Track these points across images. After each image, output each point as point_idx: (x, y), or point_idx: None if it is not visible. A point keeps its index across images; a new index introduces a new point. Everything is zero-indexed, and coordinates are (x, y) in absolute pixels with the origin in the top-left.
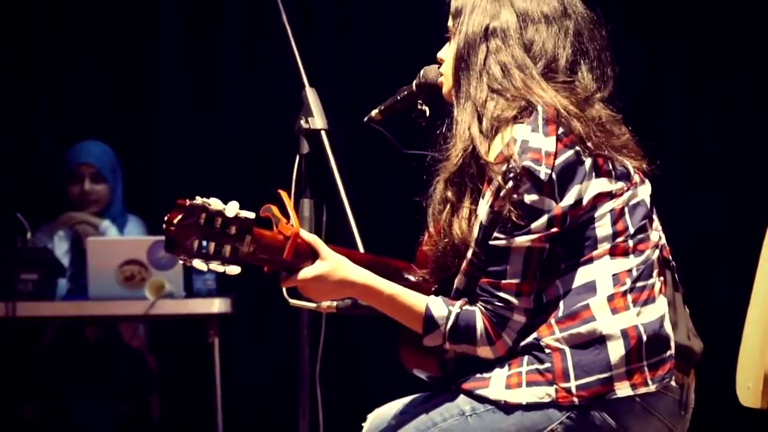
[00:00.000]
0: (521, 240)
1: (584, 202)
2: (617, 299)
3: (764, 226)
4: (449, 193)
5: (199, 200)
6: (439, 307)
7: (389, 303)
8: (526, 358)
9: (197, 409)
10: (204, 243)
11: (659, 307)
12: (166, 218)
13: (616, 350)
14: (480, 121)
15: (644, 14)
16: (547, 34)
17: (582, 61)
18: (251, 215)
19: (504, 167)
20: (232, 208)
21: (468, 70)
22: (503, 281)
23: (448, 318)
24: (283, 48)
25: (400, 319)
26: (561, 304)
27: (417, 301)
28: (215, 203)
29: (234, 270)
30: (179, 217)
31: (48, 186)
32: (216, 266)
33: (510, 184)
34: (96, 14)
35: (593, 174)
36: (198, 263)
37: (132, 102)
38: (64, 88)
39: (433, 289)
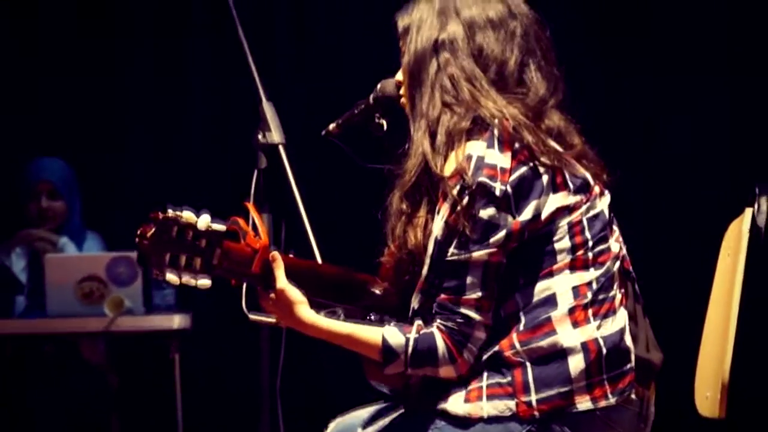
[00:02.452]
0: (479, 254)
1: (543, 216)
2: (578, 312)
3: (722, 234)
4: (404, 206)
5: (171, 213)
6: (395, 335)
7: (344, 340)
8: (486, 372)
9: (158, 424)
10: (176, 256)
11: (619, 320)
12: (138, 231)
13: (576, 364)
14: (433, 138)
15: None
16: (495, 38)
17: (530, 61)
18: (222, 228)
19: (459, 183)
20: (203, 221)
21: (420, 86)
22: (463, 296)
23: (406, 345)
24: (241, 62)
25: (360, 352)
26: (522, 317)
27: (372, 334)
28: (187, 216)
29: (205, 283)
30: (152, 230)
31: (5, 203)
32: (188, 279)
33: (465, 200)
34: (57, 23)
35: (551, 188)
36: (170, 277)
37: (91, 117)
38: (20, 103)
39: (396, 301)
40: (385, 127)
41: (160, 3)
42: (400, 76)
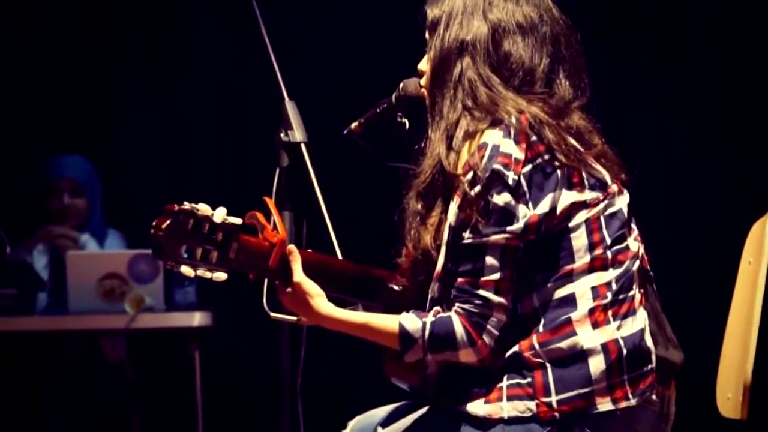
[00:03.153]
0: (496, 237)
1: (558, 211)
2: (598, 313)
3: (744, 235)
4: (419, 206)
5: (187, 205)
6: (412, 321)
7: (362, 330)
8: (506, 372)
9: (178, 422)
10: (191, 248)
11: (639, 320)
12: (154, 223)
13: (596, 365)
14: (449, 139)
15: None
16: (524, 44)
17: (560, 69)
18: (238, 221)
19: (470, 175)
20: (219, 214)
21: (443, 87)
22: (482, 279)
23: (423, 329)
24: (262, 60)
25: (379, 342)
26: (541, 318)
27: (389, 322)
28: (203, 208)
29: (221, 276)
30: (167, 222)
31: (27, 200)
32: (203, 272)
33: (478, 187)
34: (65, 17)
35: (565, 183)
36: (185, 269)
37: (113, 115)
38: (41, 102)
39: (413, 299)
40: (407, 126)
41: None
42: (423, 65)
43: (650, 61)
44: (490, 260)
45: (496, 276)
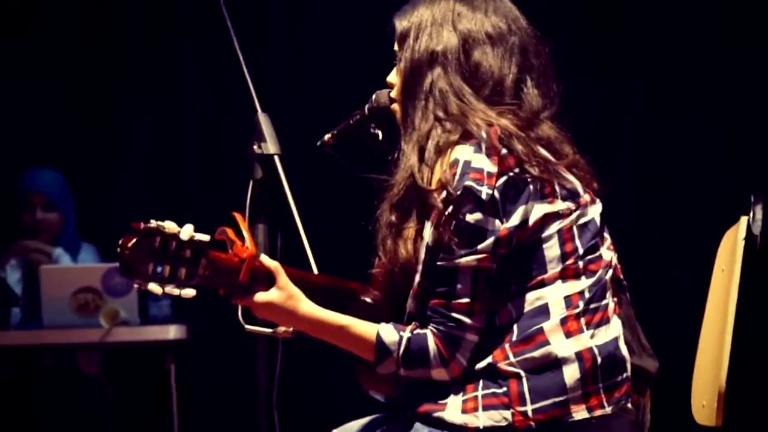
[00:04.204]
0: (467, 260)
1: (530, 222)
2: (570, 322)
3: (717, 244)
4: (393, 218)
5: (153, 223)
6: (389, 333)
7: (339, 335)
8: (481, 382)
9: None
10: (159, 266)
11: (613, 329)
12: (120, 242)
13: (571, 373)
14: (422, 152)
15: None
16: (493, 55)
17: (528, 78)
18: (206, 238)
19: (443, 193)
20: (186, 231)
21: (414, 98)
22: (453, 301)
23: (399, 343)
24: (235, 72)
25: (353, 350)
26: (515, 327)
27: (367, 330)
28: (170, 226)
29: (189, 293)
30: (134, 240)
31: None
32: (171, 289)
33: (451, 207)
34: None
35: (537, 195)
36: (153, 287)
37: (83, 128)
38: (11, 113)
39: (385, 311)
40: (380, 138)
41: (152, 15)
42: (392, 77)
43: (627, 68)
44: (461, 283)
45: (467, 299)
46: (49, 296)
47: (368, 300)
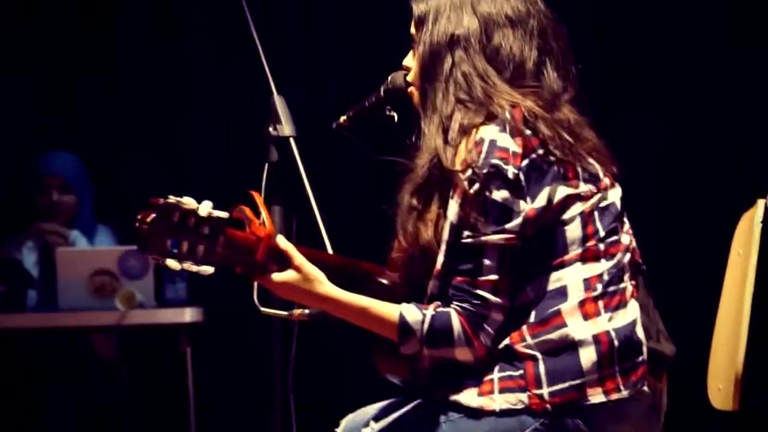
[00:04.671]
0: (494, 237)
1: (554, 203)
2: (588, 304)
3: (733, 228)
4: (415, 201)
5: (172, 199)
6: (412, 312)
7: (361, 316)
8: (498, 365)
9: (170, 418)
10: (177, 242)
11: (631, 312)
12: (138, 216)
13: (588, 356)
14: (445, 133)
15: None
16: (513, 37)
17: (548, 60)
18: (224, 215)
19: (469, 172)
20: (205, 208)
21: (434, 81)
22: (480, 278)
23: (423, 322)
24: (250, 55)
25: (375, 330)
26: (532, 310)
27: (390, 310)
28: (188, 202)
29: (207, 270)
30: (152, 215)
31: (16, 197)
32: (189, 266)
33: (478, 184)
34: (55, 17)
35: (561, 176)
36: (171, 263)
37: (100, 109)
38: (28, 97)
39: (405, 293)
40: (395, 119)
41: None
42: (408, 61)
43: (641, 56)
44: (488, 261)
45: (494, 276)
46: (65, 279)
47: (385, 282)
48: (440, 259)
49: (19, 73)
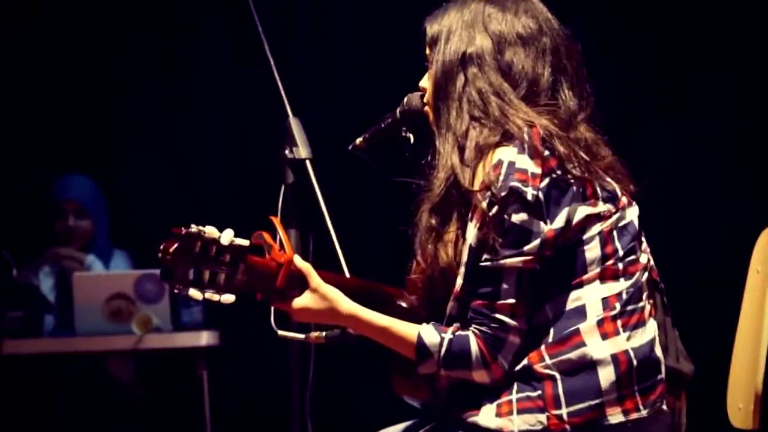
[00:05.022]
0: (513, 261)
1: (573, 223)
2: (607, 324)
3: (751, 247)
4: (433, 221)
5: (194, 228)
6: (431, 334)
7: (381, 334)
8: (516, 385)
9: None
10: (199, 271)
11: (649, 331)
12: (161, 247)
13: (606, 376)
14: (461, 151)
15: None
16: (525, 55)
17: (562, 79)
18: (245, 243)
19: (488, 193)
20: (227, 236)
21: (447, 99)
22: (498, 302)
23: (441, 345)
24: (266, 77)
25: (393, 348)
26: (551, 329)
27: (409, 330)
28: (210, 231)
29: (229, 299)
30: (175, 245)
31: (32, 222)
32: (211, 295)
33: (497, 207)
34: (66, 43)
35: (580, 196)
36: (193, 292)
37: (113, 134)
38: (43, 122)
39: (424, 315)
40: (412, 141)
41: (177, 16)
42: (424, 82)
43: (656, 68)
44: (506, 284)
45: (512, 300)
46: (82, 303)
47: (404, 304)
48: (459, 281)
49: (40, 104)
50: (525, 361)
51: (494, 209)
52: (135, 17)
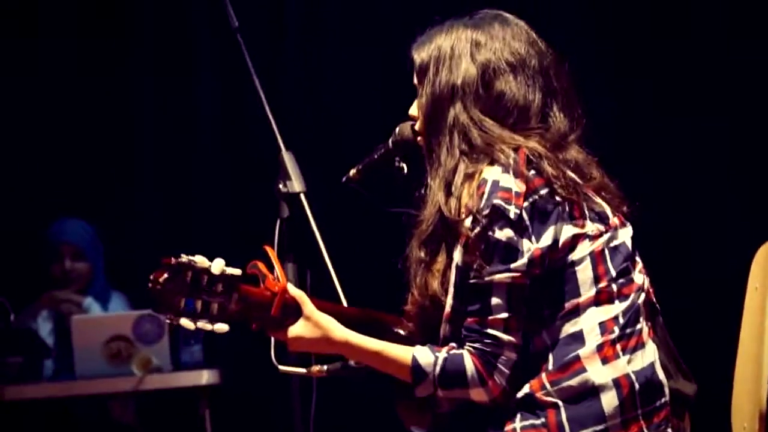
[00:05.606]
0: (501, 276)
1: (560, 243)
2: (606, 348)
3: (749, 264)
4: (422, 254)
5: (184, 258)
6: (425, 355)
7: (375, 358)
8: (519, 414)
9: None
10: (191, 301)
11: (649, 353)
12: (151, 277)
13: (609, 401)
14: (448, 187)
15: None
16: (515, 82)
17: (553, 102)
18: (237, 272)
19: (470, 219)
20: (217, 265)
21: (438, 134)
22: (489, 318)
23: (435, 364)
24: (257, 111)
25: (390, 373)
26: (550, 356)
27: (403, 353)
28: (200, 260)
29: (222, 328)
30: (165, 275)
31: (28, 266)
32: (204, 324)
33: (480, 227)
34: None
35: (567, 216)
36: (185, 322)
37: (107, 176)
38: (36, 165)
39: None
40: (405, 171)
41: (173, 49)
42: (414, 110)
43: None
44: (496, 299)
45: (504, 315)
46: (81, 346)
47: (401, 332)
48: (449, 301)
49: (34, 147)
50: (526, 389)
51: (478, 228)
52: (135, 57)
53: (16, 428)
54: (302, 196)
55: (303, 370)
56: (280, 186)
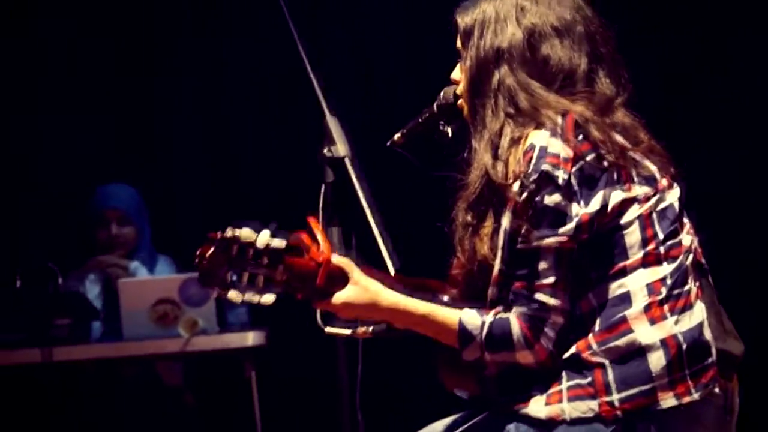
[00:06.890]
0: (549, 241)
1: (609, 208)
2: (654, 309)
3: None
4: (469, 218)
5: (229, 232)
6: (472, 318)
7: (422, 322)
8: (565, 374)
9: None
10: (237, 274)
11: (697, 314)
12: (198, 252)
13: (656, 361)
14: (495, 149)
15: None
16: (561, 46)
17: (599, 67)
18: (282, 244)
19: (518, 184)
20: (262, 239)
21: (482, 96)
22: (537, 282)
23: (482, 327)
24: (302, 77)
25: (436, 337)
26: (597, 317)
27: (450, 316)
28: (246, 234)
29: (269, 300)
30: (211, 250)
31: (75, 232)
32: (251, 297)
33: (528, 191)
34: (101, 53)
35: (614, 181)
36: (233, 295)
37: (151, 140)
38: (80, 131)
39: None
40: (450, 135)
41: (212, 18)
42: (456, 74)
43: (702, 54)
44: (544, 264)
45: (552, 279)
46: (129, 309)
47: (446, 298)
48: (497, 265)
49: (79, 112)
50: (573, 350)
51: (526, 193)
52: (172, 21)
53: (64, 389)
54: (347, 161)
55: (348, 331)
56: (325, 151)
